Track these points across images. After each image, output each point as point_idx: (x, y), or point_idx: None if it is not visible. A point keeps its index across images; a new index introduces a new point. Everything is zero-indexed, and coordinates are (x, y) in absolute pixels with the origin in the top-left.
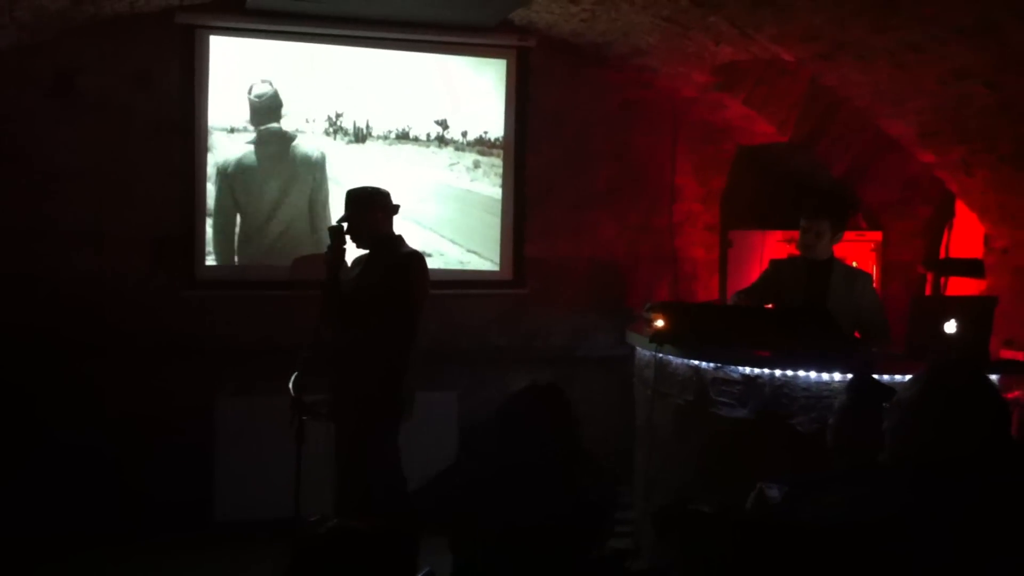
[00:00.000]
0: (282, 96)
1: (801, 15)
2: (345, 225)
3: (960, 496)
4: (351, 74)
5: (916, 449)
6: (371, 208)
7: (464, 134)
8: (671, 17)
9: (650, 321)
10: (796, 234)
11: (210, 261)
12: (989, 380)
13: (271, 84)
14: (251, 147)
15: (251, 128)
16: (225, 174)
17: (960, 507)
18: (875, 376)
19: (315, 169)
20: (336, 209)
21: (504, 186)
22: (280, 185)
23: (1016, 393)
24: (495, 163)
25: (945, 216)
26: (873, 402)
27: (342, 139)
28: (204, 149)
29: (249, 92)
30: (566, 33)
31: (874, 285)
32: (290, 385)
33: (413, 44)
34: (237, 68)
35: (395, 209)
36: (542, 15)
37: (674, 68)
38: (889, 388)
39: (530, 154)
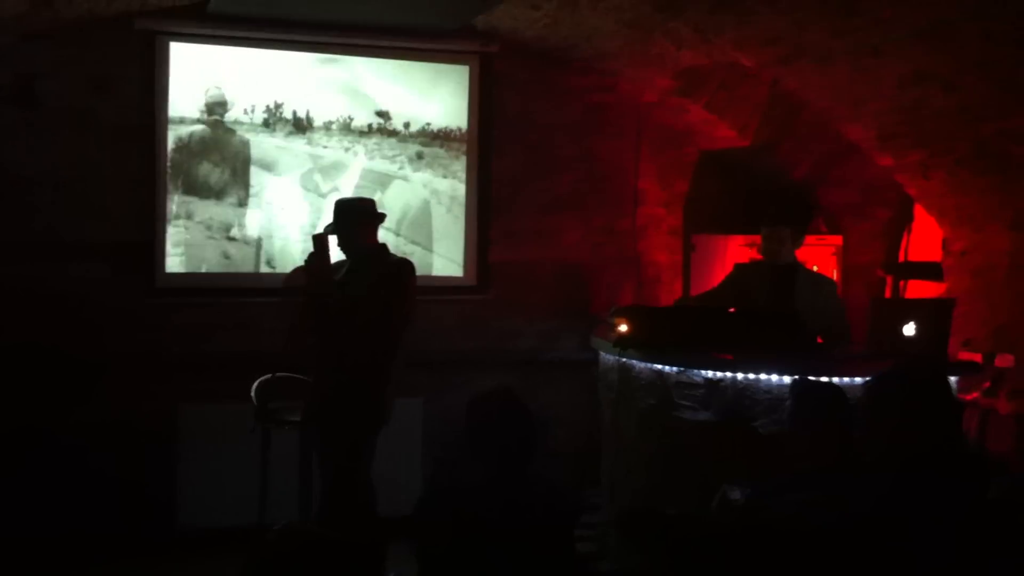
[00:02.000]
0: (232, 91)
1: (761, 19)
2: (328, 234)
3: (938, 497)
4: (295, 68)
5: (874, 450)
6: (360, 220)
7: (407, 125)
8: (633, 22)
9: (614, 326)
10: (758, 238)
11: (172, 268)
12: (944, 379)
13: (220, 88)
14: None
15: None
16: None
17: (958, 504)
18: (815, 379)
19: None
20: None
21: (468, 191)
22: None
23: (975, 395)
24: (439, 153)
25: (904, 220)
26: (817, 404)
27: (281, 130)
28: (164, 154)
29: (205, 93)
30: (529, 38)
31: (837, 290)
32: (252, 393)
33: (374, 50)
34: (197, 74)
35: (381, 218)
36: (505, 20)
37: (637, 72)
38: (832, 387)
39: (494, 158)
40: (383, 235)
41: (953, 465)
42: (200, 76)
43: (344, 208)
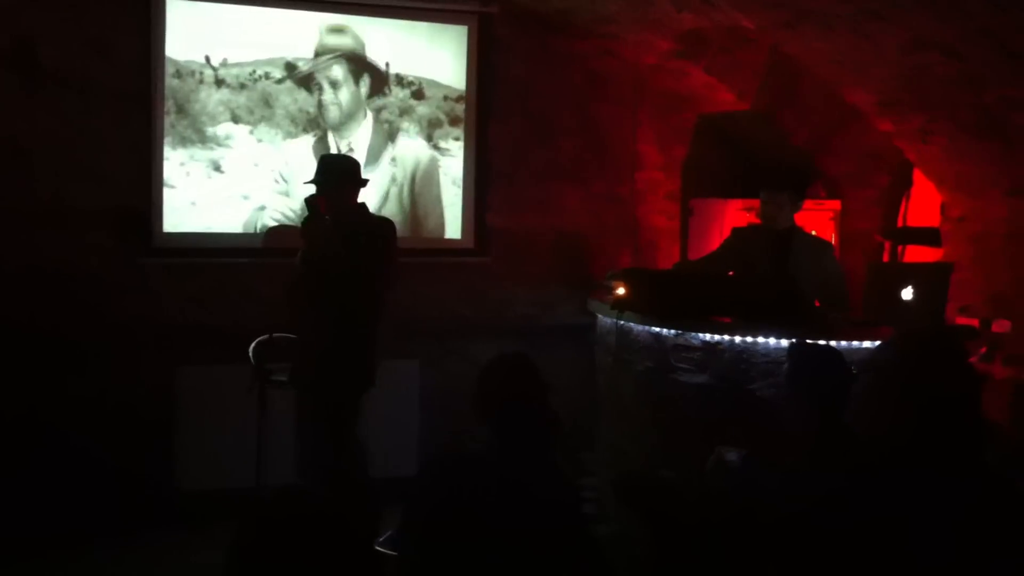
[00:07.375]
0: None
1: None
2: (318, 195)
3: (955, 493)
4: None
5: (885, 428)
6: (345, 180)
7: (409, 85)
8: None
9: (611, 289)
10: (756, 203)
11: (168, 228)
12: (962, 354)
13: None
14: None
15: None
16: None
17: (958, 503)
18: (813, 341)
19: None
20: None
21: (466, 157)
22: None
23: (972, 360)
24: (440, 116)
25: (903, 185)
26: (814, 366)
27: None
28: (161, 116)
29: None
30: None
31: (835, 254)
32: (250, 352)
33: (370, 9)
34: (195, 33)
35: (364, 183)
36: None
37: (637, 35)
38: (830, 350)
39: (494, 125)
40: (394, 191)
41: (952, 461)
42: (202, 40)
43: (330, 166)
